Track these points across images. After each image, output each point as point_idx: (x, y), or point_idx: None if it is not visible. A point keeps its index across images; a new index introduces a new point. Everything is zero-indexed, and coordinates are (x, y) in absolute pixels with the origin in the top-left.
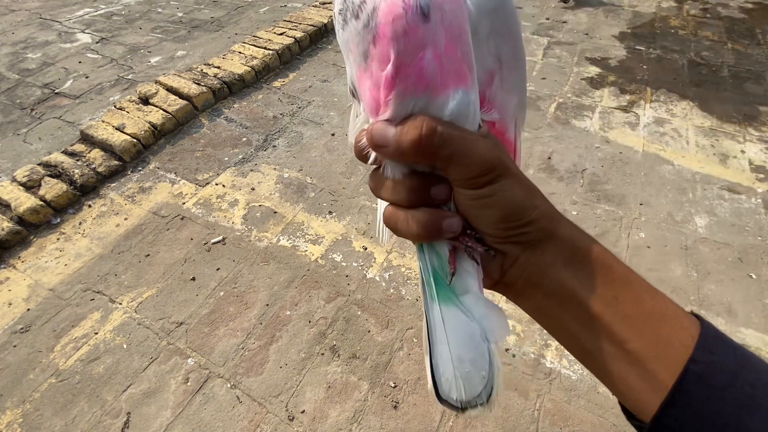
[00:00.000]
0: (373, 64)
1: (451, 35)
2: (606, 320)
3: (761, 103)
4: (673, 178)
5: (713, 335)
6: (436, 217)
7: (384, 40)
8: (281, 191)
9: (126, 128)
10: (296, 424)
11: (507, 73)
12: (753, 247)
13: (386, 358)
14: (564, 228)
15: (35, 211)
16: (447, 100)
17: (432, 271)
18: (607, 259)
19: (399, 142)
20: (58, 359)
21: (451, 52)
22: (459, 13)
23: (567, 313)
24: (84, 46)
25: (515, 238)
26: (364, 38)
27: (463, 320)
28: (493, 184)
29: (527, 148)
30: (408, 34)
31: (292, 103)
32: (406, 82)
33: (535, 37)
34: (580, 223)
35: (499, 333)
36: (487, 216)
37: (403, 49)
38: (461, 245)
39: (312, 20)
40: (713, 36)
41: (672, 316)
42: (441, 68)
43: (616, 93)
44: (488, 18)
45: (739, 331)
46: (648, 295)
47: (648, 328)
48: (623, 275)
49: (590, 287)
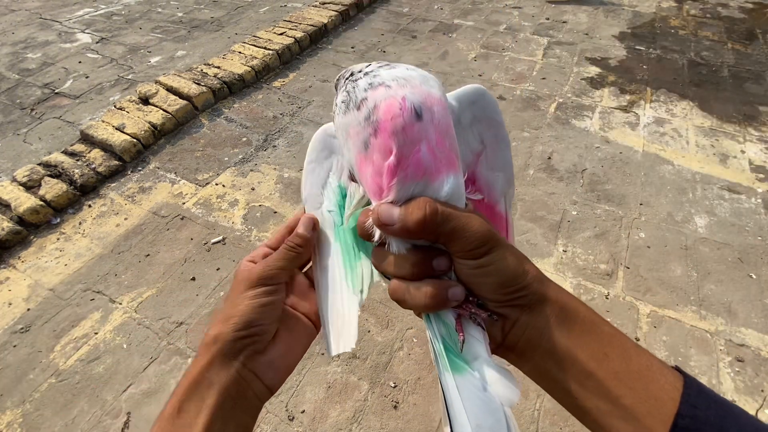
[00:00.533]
0: (375, 153)
1: (439, 130)
2: (599, 377)
3: (761, 103)
4: (673, 178)
5: (696, 389)
6: (441, 288)
7: (385, 134)
8: (281, 191)
9: (126, 128)
10: (296, 424)
11: (491, 154)
12: (753, 247)
13: (386, 358)
14: (552, 290)
15: (35, 211)
16: (442, 184)
17: (442, 341)
18: (594, 319)
19: (405, 222)
20: (58, 359)
21: (441, 144)
22: (444, 112)
23: (563, 371)
24: (84, 46)
25: (514, 302)
26: (365, 129)
27: (477, 388)
28: (490, 255)
29: (527, 148)
30: (405, 130)
31: (292, 103)
32: (407, 171)
33: (535, 37)
34: (580, 223)
35: (511, 396)
36: (487, 283)
37: (403, 143)
38: (466, 312)
39: (312, 20)
40: (713, 36)
41: (658, 372)
42: (435, 158)
43: (616, 93)
44: (469, 109)
45: (739, 331)
46: (634, 352)
47: (639, 384)
48: (610, 333)
49: (582, 345)
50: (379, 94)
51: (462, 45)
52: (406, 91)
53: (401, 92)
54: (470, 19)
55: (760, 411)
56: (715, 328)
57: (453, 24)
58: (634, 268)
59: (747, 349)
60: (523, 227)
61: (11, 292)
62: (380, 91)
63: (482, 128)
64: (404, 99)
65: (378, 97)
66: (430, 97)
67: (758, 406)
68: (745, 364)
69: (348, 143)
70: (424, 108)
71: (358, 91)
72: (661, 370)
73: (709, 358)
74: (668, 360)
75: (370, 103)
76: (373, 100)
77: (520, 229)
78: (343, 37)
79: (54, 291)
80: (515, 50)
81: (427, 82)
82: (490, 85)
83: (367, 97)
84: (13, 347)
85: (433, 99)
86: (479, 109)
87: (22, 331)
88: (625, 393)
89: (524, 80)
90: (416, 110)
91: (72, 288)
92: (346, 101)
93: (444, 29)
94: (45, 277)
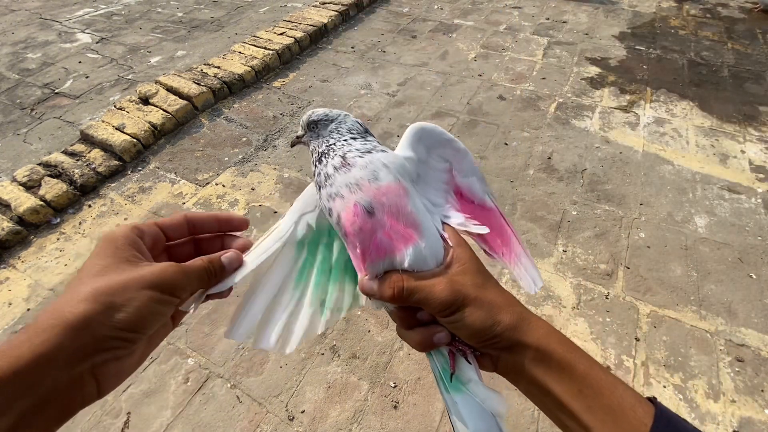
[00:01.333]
0: (349, 245)
1: (392, 214)
2: (574, 409)
3: (761, 103)
4: (673, 178)
5: (665, 421)
6: (427, 335)
7: (350, 237)
8: (281, 191)
9: (126, 128)
10: (296, 424)
11: (458, 165)
12: (753, 247)
13: (386, 358)
14: (530, 336)
15: (35, 211)
16: (404, 258)
17: (441, 368)
18: (570, 359)
19: (381, 295)
20: None
21: (395, 225)
22: (394, 194)
23: (545, 398)
24: (84, 46)
25: (489, 347)
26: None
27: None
28: (456, 314)
29: (527, 148)
30: (363, 228)
31: (292, 103)
32: (372, 256)
33: (535, 37)
34: (580, 223)
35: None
36: (461, 333)
37: (363, 239)
38: (455, 349)
39: (312, 20)
40: (713, 36)
41: (629, 407)
42: (391, 239)
43: (616, 93)
44: (420, 144)
45: (739, 331)
46: (607, 388)
47: (609, 418)
48: (584, 372)
49: (557, 382)
50: (338, 205)
51: (462, 45)
52: (357, 196)
53: (353, 198)
54: (470, 19)
55: (760, 411)
56: (715, 328)
57: (453, 24)
58: (634, 268)
59: (747, 349)
60: (523, 227)
61: (11, 292)
62: (338, 203)
63: (439, 150)
64: (356, 205)
65: (338, 208)
66: (379, 190)
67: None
68: (745, 364)
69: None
70: (374, 204)
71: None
72: (632, 405)
73: (709, 358)
74: (668, 360)
75: (335, 213)
76: (336, 212)
77: (520, 229)
78: (343, 37)
79: (54, 291)
80: (515, 50)
81: (376, 178)
82: (491, 85)
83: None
84: None
85: (381, 191)
86: (427, 139)
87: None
88: (597, 425)
89: (524, 80)
90: (366, 209)
91: None
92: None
93: (444, 29)
94: (45, 277)
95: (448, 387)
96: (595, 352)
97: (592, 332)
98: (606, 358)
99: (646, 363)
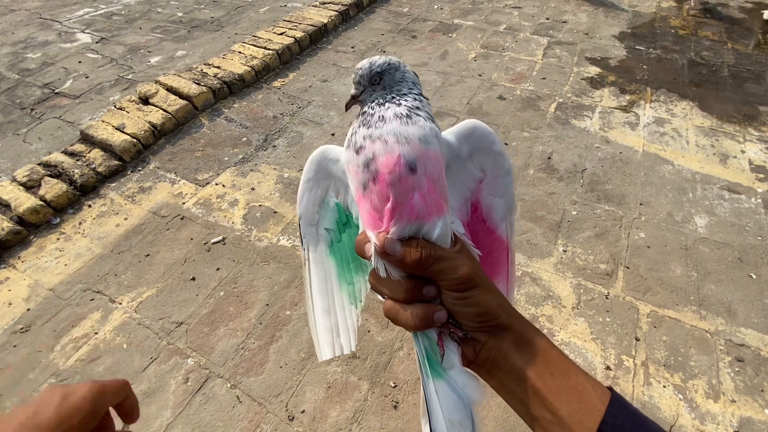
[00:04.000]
0: (373, 196)
1: (431, 180)
2: (544, 392)
3: (761, 103)
4: (673, 178)
5: (619, 404)
6: (428, 311)
7: (383, 184)
8: (281, 191)
9: (126, 128)
10: (296, 424)
11: (491, 181)
12: (753, 247)
13: (386, 358)
14: (516, 323)
15: (35, 211)
16: (434, 227)
17: (425, 353)
18: (545, 345)
19: (404, 257)
20: (58, 359)
21: (432, 192)
22: (437, 163)
23: (519, 387)
24: (84, 46)
25: (485, 329)
26: (364, 173)
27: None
28: (470, 291)
29: (527, 148)
30: (401, 181)
31: (292, 103)
32: (402, 216)
33: (535, 37)
34: (580, 222)
35: (477, 397)
36: (466, 312)
37: (398, 193)
38: (446, 330)
39: (312, 20)
40: (713, 36)
41: (591, 389)
42: (426, 205)
43: (616, 93)
44: (466, 142)
45: (739, 331)
46: (573, 373)
47: (574, 398)
48: (556, 357)
49: (532, 366)
50: (378, 147)
51: (462, 45)
52: (404, 149)
53: (398, 149)
54: (470, 19)
55: (760, 411)
56: (715, 328)
57: (453, 24)
58: (634, 268)
59: (747, 349)
60: (523, 227)
61: (11, 292)
62: (378, 145)
63: (481, 158)
64: (400, 156)
65: (377, 150)
66: (426, 153)
67: (758, 406)
68: (745, 364)
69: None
70: (418, 161)
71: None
72: (594, 387)
73: (709, 358)
74: (668, 360)
75: (369, 151)
76: (371, 151)
77: (520, 229)
78: (343, 37)
79: (54, 291)
80: (515, 50)
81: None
82: (491, 85)
83: (367, 147)
84: (13, 347)
85: (427, 154)
86: (475, 141)
87: (22, 331)
88: (563, 406)
89: (524, 80)
90: (410, 164)
91: (72, 288)
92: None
93: (444, 29)
94: (45, 277)
95: (429, 372)
96: (595, 352)
97: (592, 332)
98: (606, 358)
99: (646, 363)
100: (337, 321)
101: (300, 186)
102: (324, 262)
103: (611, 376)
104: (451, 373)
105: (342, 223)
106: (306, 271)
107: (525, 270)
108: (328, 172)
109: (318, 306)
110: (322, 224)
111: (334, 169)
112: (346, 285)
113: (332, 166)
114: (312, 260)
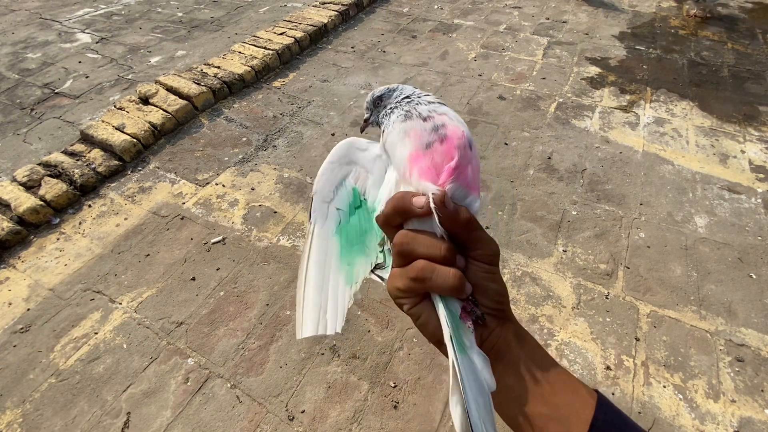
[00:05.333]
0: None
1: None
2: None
3: (761, 103)
4: (673, 178)
5: (606, 405)
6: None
7: (451, 145)
8: (281, 191)
9: (126, 128)
10: (296, 424)
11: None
12: (753, 247)
13: (386, 358)
14: (513, 318)
15: (35, 211)
16: (475, 200)
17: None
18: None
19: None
20: (58, 359)
21: (476, 172)
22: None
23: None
24: (84, 46)
25: (497, 313)
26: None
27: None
28: (497, 266)
29: (527, 148)
30: (464, 150)
31: (292, 103)
32: (459, 178)
33: (535, 37)
34: (580, 222)
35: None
36: (491, 288)
37: (461, 157)
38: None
39: (312, 20)
40: (713, 36)
41: (580, 385)
42: (474, 179)
43: (616, 93)
44: None
45: (739, 331)
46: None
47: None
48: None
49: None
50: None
51: (462, 45)
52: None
53: (461, 127)
54: (470, 19)
55: (760, 411)
56: (715, 328)
57: (453, 24)
58: (634, 268)
59: (747, 349)
60: (523, 227)
61: (11, 292)
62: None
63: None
64: (464, 132)
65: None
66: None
67: (758, 406)
68: (745, 364)
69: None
70: (473, 144)
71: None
72: (582, 384)
73: (709, 358)
74: (668, 360)
75: (438, 120)
76: (439, 119)
77: (520, 229)
78: (343, 37)
79: (54, 291)
80: (515, 50)
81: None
82: (491, 85)
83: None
84: (13, 347)
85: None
86: None
87: (22, 331)
88: (561, 397)
89: (524, 80)
90: (470, 142)
91: (72, 288)
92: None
93: (444, 29)
94: (45, 277)
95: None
96: (595, 352)
97: (592, 332)
98: (606, 358)
99: (646, 363)
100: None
101: (322, 166)
102: (329, 239)
103: (611, 376)
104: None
105: (354, 207)
106: (307, 245)
107: (525, 270)
108: (353, 158)
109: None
110: (335, 203)
111: (360, 156)
112: (346, 265)
113: (359, 153)
114: (316, 234)
